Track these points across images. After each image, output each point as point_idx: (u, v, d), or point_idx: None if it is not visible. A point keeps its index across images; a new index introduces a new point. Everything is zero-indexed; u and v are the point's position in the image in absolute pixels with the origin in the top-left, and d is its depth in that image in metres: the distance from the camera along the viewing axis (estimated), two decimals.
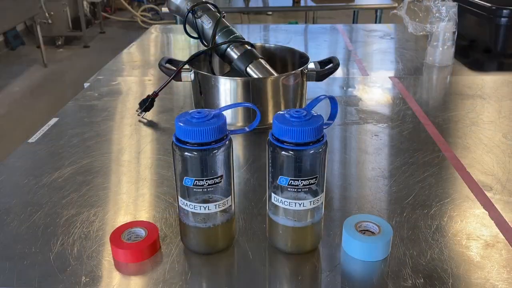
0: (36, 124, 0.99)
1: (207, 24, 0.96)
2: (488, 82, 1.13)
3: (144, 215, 0.64)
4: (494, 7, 1.32)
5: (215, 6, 0.99)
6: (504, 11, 1.29)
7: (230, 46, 0.95)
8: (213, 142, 0.50)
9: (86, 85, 1.16)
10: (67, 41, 4.84)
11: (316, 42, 1.58)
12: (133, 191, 0.70)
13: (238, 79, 0.86)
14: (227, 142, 0.52)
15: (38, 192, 0.70)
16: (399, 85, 1.12)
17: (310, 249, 0.57)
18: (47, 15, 4.51)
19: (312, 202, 0.53)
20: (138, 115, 0.95)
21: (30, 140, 0.86)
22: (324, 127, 0.52)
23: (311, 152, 0.51)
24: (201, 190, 0.52)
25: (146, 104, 0.93)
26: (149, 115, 0.96)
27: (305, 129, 0.49)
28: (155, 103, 0.96)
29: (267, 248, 0.58)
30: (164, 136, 0.88)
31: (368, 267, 0.55)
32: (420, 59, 1.34)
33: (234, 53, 0.95)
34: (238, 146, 0.85)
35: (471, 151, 0.81)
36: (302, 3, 2.82)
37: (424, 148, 0.82)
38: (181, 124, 0.50)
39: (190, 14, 0.96)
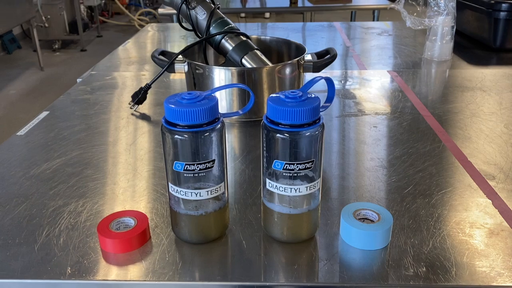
0: None
1: (201, 15, 0.94)
2: (488, 75, 1.11)
3: (134, 206, 0.62)
4: (493, 1, 1.30)
5: None
6: (503, 5, 1.27)
7: (225, 37, 0.93)
8: (204, 124, 0.48)
9: (79, 80, 1.13)
10: (64, 44, 4.82)
11: (314, 39, 1.56)
12: (124, 182, 0.68)
13: (233, 68, 0.84)
14: (219, 125, 0.50)
15: (24, 183, 0.67)
16: (397, 78, 1.10)
17: (306, 237, 0.54)
18: (43, 18, 4.50)
19: (308, 188, 0.50)
20: (131, 108, 0.92)
21: (18, 133, 0.83)
22: (321, 109, 0.50)
23: (307, 134, 0.48)
24: (192, 175, 0.50)
25: (138, 97, 0.91)
26: (142, 108, 0.93)
27: (300, 109, 0.47)
28: (148, 96, 0.93)
29: (262, 238, 0.55)
30: (157, 129, 0.86)
31: (367, 256, 0.52)
32: (419, 54, 1.32)
33: (228, 44, 0.93)
34: (233, 137, 0.82)
35: (473, 141, 0.78)
36: (300, 4, 2.81)
37: (424, 138, 0.79)
38: (171, 106, 0.48)
39: (183, 6, 0.95)
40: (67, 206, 0.62)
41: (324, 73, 0.91)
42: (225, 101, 0.86)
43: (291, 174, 0.50)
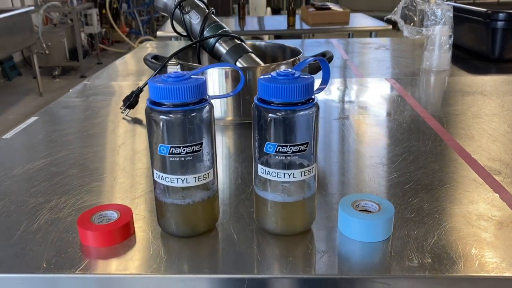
0: None
1: (195, 19, 0.93)
2: (488, 81, 1.09)
3: (120, 202, 0.58)
4: (490, 11, 1.30)
5: (203, 2, 0.96)
6: (500, 14, 1.27)
7: (219, 41, 0.91)
8: (191, 103, 0.45)
9: (71, 90, 1.11)
10: (64, 71, 4.85)
11: (311, 53, 1.55)
12: (110, 180, 0.64)
13: (226, 68, 0.81)
14: (207, 107, 0.47)
15: (5, 182, 0.64)
16: (396, 85, 1.08)
17: (301, 229, 0.51)
18: (44, 45, 4.54)
19: (303, 173, 0.47)
20: (122, 112, 0.89)
21: (5, 136, 0.80)
22: (316, 91, 0.47)
23: (300, 114, 0.45)
24: (178, 159, 0.46)
25: (130, 100, 0.89)
26: (134, 113, 0.91)
27: (293, 86, 0.44)
28: (140, 100, 0.91)
29: (255, 231, 0.51)
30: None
31: (368, 248, 0.48)
32: (417, 65, 1.30)
33: (223, 48, 0.91)
34: (227, 138, 0.79)
35: (476, 140, 0.75)
36: (298, 26, 2.83)
37: (425, 137, 0.76)
38: (156, 84, 0.45)
39: (177, 10, 0.93)
40: (48, 203, 0.58)
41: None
42: (218, 105, 0.83)
43: (284, 158, 0.46)
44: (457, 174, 0.64)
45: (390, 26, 2.77)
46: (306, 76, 0.46)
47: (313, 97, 0.46)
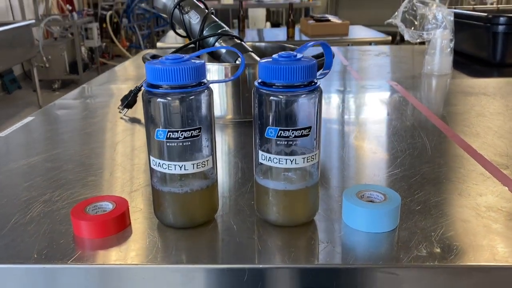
0: None
1: (194, 19, 0.92)
2: (490, 83, 1.08)
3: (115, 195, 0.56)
4: (491, 16, 1.29)
5: (203, 3, 0.95)
6: (501, 18, 1.26)
7: (219, 40, 0.90)
8: (189, 86, 0.43)
9: (69, 93, 1.10)
10: (64, 84, 4.85)
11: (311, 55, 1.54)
12: (106, 175, 0.63)
13: (226, 64, 0.80)
14: (206, 91, 0.45)
15: None
16: (398, 87, 1.07)
17: (304, 220, 0.49)
18: (44, 59, 4.55)
19: (305, 159, 0.45)
20: (120, 111, 0.88)
21: (0, 134, 0.79)
22: (319, 76, 0.46)
23: (303, 96, 0.44)
24: (176, 145, 0.45)
25: (128, 99, 0.87)
26: (132, 113, 0.89)
27: (295, 67, 0.42)
28: (139, 100, 0.89)
29: (256, 222, 0.49)
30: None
31: (373, 239, 0.46)
32: (418, 70, 1.29)
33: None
34: (227, 136, 0.78)
35: (481, 136, 0.74)
36: (297, 38, 2.83)
37: (429, 134, 0.75)
38: (153, 65, 0.43)
39: (176, 11, 0.92)
40: (41, 196, 0.56)
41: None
42: (218, 104, 0.81)
43: (286, 143, 0.45)
44: (463, 169, 0.62)
45: (390, 38, 2.78)
46: (309, 58, 0.45)
47: (315, 80, 0.45)
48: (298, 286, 0.42)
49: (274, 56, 0.45)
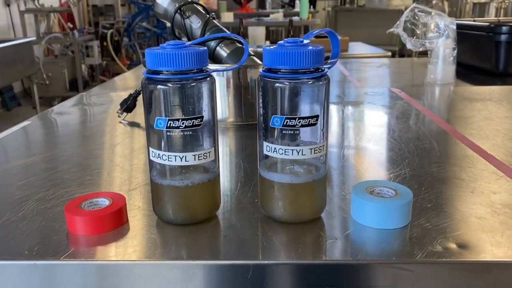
0: None
1: (195, 24, 0.91)
2: (496, 90, 1.06)
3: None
4: (493, 25, 1.29)
5: (204, 8, 0.94)
6: (504, 27, 1.26)
7: (220, 44, 0.89)
8: (191, 71, 0.42)
9: (67, 100, 1.08)
10: (64, 101, 4.85)
11: None
12: (103, 174, 0.60)
13: (228, 65, 0.79)
14: (208, 78, 0.43)
15: None
16: (402, 93, 1.05)
17: (311, 216, 0.46)
18: (44, 76, 4.56)
19: (313, 150, 0.43)
20: (119, 116, 0.86)
21: None
22: (327, 66, 0.44)
23: (309, 83, 0.42)
24: (176, 134, 0.43)
25: (127, 103, 0.85)
26: (132, 117, 0.87)
27: (302, 51, 0.41)
28: (138, 104, 0.87)
29: (260, 219, 0.47)
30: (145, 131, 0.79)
31: (384, 235, 0.44)
32: (421, 80, 1.28)
33: (223, 51, 0.88)
34: (228, 139, 0.75)
35: (490, 138, 0.71)
36: None
37: (437, 136, 0.73)
38: (154, 51, 0.41)
39: (178, 15, 0.91)
40: (35, 195, 0.54)
41: None
42: (220, 107, 0.80)
43: (292, 132, 0.42)
44: (474, 168, 0.60)
45: (389, 53, 2.78)
46: (315, 45, 0.43)
47: (323, 67, 0.43)
48: (306, 284, 0.40)
49: (280, 42, 0.43)
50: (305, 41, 0.43)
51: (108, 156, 0.67)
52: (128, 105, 0.85)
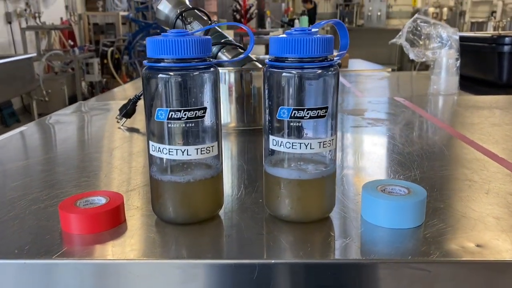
0: None
1: (197, 30, 0.90)
2: (501, 99, 1.05)
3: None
4: (496, 36, 1.28)
5: (206, 14, 0.93)
6: (507, 38, 1.25)
7: (222, 50, 0.87)
8: (194, 60, 0.40)
9: (65, 108, 1.06)
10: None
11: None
12: (101, 176, 0.58)
13: (230, 68, 0.77)
14: (212, 68, 0.41)
15: None
16: (406, 102, 1.03)
17: (319, 216, 0.43)
18: (44, 93, 4.55)
19: (321, 144, 0.41)
20: (118, 121, 0.84)
21: None
22: (336, 57, 0.42)
23: (318, 72, 0.40)
24: (178, 126, 0.40)
25: (127, 108, 0.83)
26: (131, 123, 0.85)
27: (310, 39, 0.39)
28: (138, 109, 0.86)
29: (265, 219, 0.44)
30: (145, 136, 0.77)
31: (397, 235, 0.41)
32: (423, 90, 1.27)
33: (225, 57, 0.87)
34: (230, 143, 0.73)
35: (500, 143, 0.69)
36: None
37: (445, 141, 0.71)
38: (155, 38, 0.40)
39: (179, 21, 0.90)
40: (28, 195, 0.51)
41: None
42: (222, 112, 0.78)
43: (300, 125, 0.40)
44: (486, 170, 0.57)
45: (390, 69, 2.78)
46: (324, 34, 0.41)
47: (332, 57, 0.41)
48: (315, 284, 0.37)
49: (287, 31, 0.41)
50: (314, 30, 0.41)
51: (106, 159, 0.65)
52: (127, 111, 0.83)
